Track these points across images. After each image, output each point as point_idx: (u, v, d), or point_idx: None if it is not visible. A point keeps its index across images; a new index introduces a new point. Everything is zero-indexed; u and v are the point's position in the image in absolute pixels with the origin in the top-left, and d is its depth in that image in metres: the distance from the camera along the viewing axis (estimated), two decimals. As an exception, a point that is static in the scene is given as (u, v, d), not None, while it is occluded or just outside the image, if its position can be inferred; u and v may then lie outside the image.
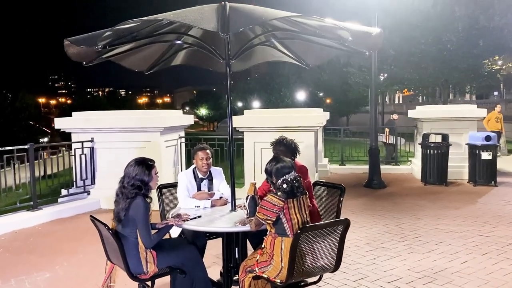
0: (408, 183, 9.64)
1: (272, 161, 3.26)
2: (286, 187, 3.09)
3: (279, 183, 3.12)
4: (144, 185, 3.28)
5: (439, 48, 24.95)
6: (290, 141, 4.15)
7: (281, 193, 3.10)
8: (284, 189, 3.09)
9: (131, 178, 3.24)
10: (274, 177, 3.17)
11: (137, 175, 3.25)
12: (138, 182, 3.24)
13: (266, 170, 3.24)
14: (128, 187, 3.23)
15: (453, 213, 6.84)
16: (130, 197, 3.21)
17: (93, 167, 7.81)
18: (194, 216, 3.61)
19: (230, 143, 3.98)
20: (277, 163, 3.21)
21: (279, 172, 3.16)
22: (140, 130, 7.58)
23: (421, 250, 5.14)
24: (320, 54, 4.27)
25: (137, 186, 3.24)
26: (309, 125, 6.84)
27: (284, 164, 3.21)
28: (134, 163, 3.30)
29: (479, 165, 9.08)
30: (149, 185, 3.32)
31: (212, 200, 4.05)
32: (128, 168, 3.29)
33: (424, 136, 9.43)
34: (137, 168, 3.27)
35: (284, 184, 3.10)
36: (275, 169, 3.18)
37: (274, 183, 3.18)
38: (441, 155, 9.16)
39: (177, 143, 8.31)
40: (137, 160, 3.35)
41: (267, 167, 3.24)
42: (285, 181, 3.11)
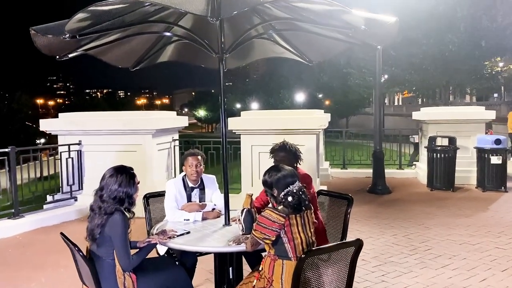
0: (413, 188, 9.19)
1: (271, 170, 2.81)
2: (291, 200, 2.64)
3: (282, 196, 2.68)
4: (128, 198, 2.83)
5: (441, 49, 24.58)
6: (292, 147, 3.70)
7: (283, 207, 2.66)
8: (290, 203, 2.64)
9: (113, 191, 2.79)
10: (275, 189, 2.73)
11: (121, 187, 2.80)
12: (122, 195, 2.80)
13: (265, 182, 2.79)
14: (109, 201, 2.77)
15: (464, 222, 6.40)
16: (108, 212, 2.75)
17: (80, 171, 7.35)
18: (182, 232, 3.16)
19: (223, 146, 3.53)
20: (277, 172, 2.76)
21: (281, 183, 2.71)
22: (131, 132, 7.13)
23: (434, 265, 4.69)
24: (324, 48, 3.82)
25: (120, 200, 2.79)
26: (310, 127, 6.38)
27: (286, 173, 2.76)
28: (114, 172, 2.85)
29: (488, 169, 8.63)
30: (133, 198, 2.87)
31: (204, 213, 3.60)
32: (108, 178, 2.84)
33: (431, 139, 8.98)
34: (120, 178, 2.82)
35: (289, 196, 2.65)
36: (276, 179, 2.73)
37: (275, 196, 2.73)
38: (448, 159, 8.71)
39: (170, 146, 7.85)
40: (117, 168, 2.90)
41: (266, 178, 2.79)
42: (290, 193, 2.66)
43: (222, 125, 3.43)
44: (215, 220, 3.55)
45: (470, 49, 24.30)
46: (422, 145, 10.48)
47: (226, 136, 3.44)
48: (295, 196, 2.67)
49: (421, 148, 10.59)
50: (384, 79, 30.27)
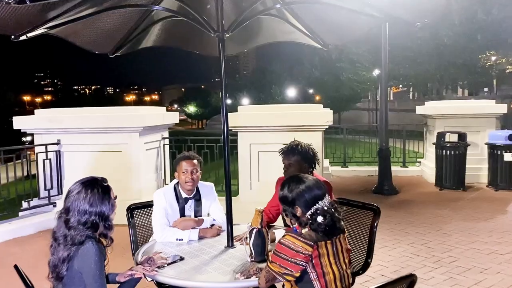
0: (421, 187, 8.60)
1: (291, 182, 2.14)
2: (322, 221, 1.99)
3: (308, 215, 2.03)
4: (103, 220, 2.14)
5: (436, 42, 24.14)
6: (306, 148, 3.05)
7: (309, 232, 2.01)
8: (320, 225, 1.99)
9: (82, 213, 2.10)
10: (298, 207, 2.07)
11: (92, 206, 2.11)
12: (94, 218, 2.11)
13: (284, 199, 2.13)
14: (77, 227, 2.09)
15: (484, 227, 5.80)
16: (77, 242, 2.07)
17: (59, 174, 6.62)
18: (173, 259, 2.49)
19: (224, 146, 2.88)
20: (300, 184, 2.10)
21: (306, 198, 2.06)
22: (115, 130, 6.41)
23: (466, 282, 4.07)
24: (344, 29, 3.16)
25: (93, 224, 2.11)
26: (316, 123, 5.73)
27: (311, 184, 2.11)
28: (82, 188, 2.15)
29: (501, 167, 8.05)
30: (110, 219, 2.19)
31: (200, 230, 2.94)
32: (74, 196, 2.14)
33: (439, 135, 8.38)
34: (90, 194, 2.13)
35: (318, 216, 2.01)
36: (300, 193, 2.07)
37: (299, 216, 2.07)
38: (458, 157, 8.11)
39: (159, 145, 7.15)
40: (85, 182, 2.20)
41: (285, 193, 2.12)
42: (320, 212, 2.02)
43: (223, 120, 2.77)
44: (215, 240, 2.89)
45: (465, 42, 23.87)
46: (427, 141, 9.91)
47: (227, 134, 2.78)
48: (327, 215, 2.02)
49: (426, 144, 10.02)
50: (378, 73, 29.85)
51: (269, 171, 5.93)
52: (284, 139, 5.97)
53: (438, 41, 24.00)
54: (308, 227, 2.04)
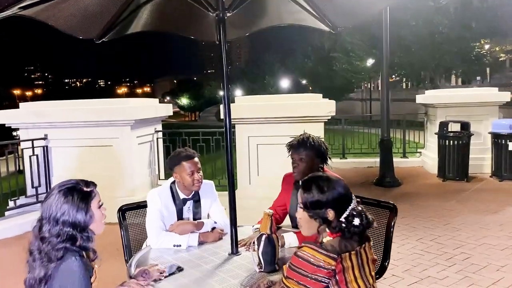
0: (423, 179, 8.35)
1: (319, 182, 1.84)
2: (359, 223, 1.75)
3: (343, 218, 1.75)
4: (80, 231, 1.83)
5: (430, 31, 23.90)
6: (318, 141, 2.75)
7: (332, 241, 1.73)
8: (357, 228, 1.75)
9: (53, 222, 1.79)
10: (331, 210, 1.79)
11: (65, 215, 1.80)
12: (69, 229, 1.80)
13: (317, 203, 1.81)
14: (52, 240, 1.77)
15: (494, 220, 5.56)
16: (55, 258, 1.76)
17: (48, 171, 6.28)
18: (171, 270, 2.19)
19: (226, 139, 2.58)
20: (331, 183, 1.83)
21: (341, 200, 1.80)
22: (106, 124, 6.08)
23: (483, 282, 3.81)
24: (356, 7, 2.85)
25: (69, 237, 1.79)
26: (318, 114, 5.42)
27: (342, 183, 1.87)
28: (57, 194, 1.84)
29: (505, 157, 7.82)
30: (89, 230, 1.87)
31: (200, 234, 2.64)
32: (48, 202, 1.83)
33: (442, 124, 8.12)
34: (64, 201, 1.81)
35: (355, 218, 1.76)
36: (334, 194, 1.80)
37: (331, 220, 1.79)
38: (462, 147, 7.86)
39: (152, 138, 6.82)
40: (62, 186, 1.87)
41: (314, 195, 1.81)
42: (357, 214, 1.77)
43: (225, 109, 2.46)
44: (217, 245, 2.59)
45: (460, 30, 23.64)
46: (428, 131, 9.66)
47: (230, 125, 2.48)
48: (362, 216, 1.75)
49: (427, 134, 9.77)
50: (372, 63, 29.55)
51: (269, 165, 5.64)
52: (284, 131, 5.70)
53: (433, 29, 23.76)
54: (338, 233, 1.76)
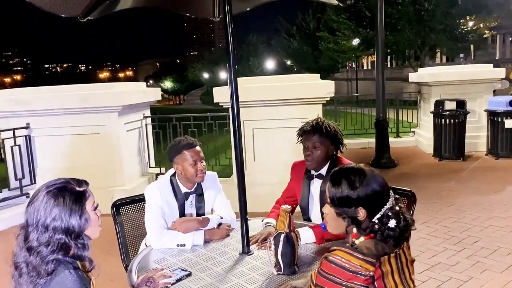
0: (419, 159, 8.22)
1: (350, 175, 1.60)
2: (396, 225, 1.50)
3: (377, 219, 1.52)
4: (74, 238, 1.57)
5: (416, 8, 23.72)
6: (333, 127, 2.51)
7: (368, 243, 1.50)
8: (393, 231, 1.51)
9: (42, 229, 1.52)
10: (362, 208, 1.56)
11: (56, 220, 1.53)
12: (61, 236, 1.53)
13: (343, 198, 1.58)
14: (40, 251, 1.51)
15: (496, 200, 5.44)
16: (45, 273, 1.50)
17: (31, 161, 5.95)
18: (179, 276, 1.95)
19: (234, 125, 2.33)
20: (365, 178, 1.58)
21: (376, 197, 1.56)
22: (91, 110, 5.75)
23: (496, 267, 3.66)
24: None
25: (61, 246, 1.53)
26: (316, 95, 5.17)
27: (379, 177, 1.61)
28: (45, 195, 1.56)
29: (501, 134, 7.72)
30: (84, 237, 1.61)
31: (206, 232, 2.40)
32: (34, 205, 1.56)
33: (437, 103, 7.96)
34: (55, 204, 1.54)
35: (390, 219, 1.51)
36: (369, 191, 1.56)
37: (360, 220, 1.56)
38: (458, 125, 7.72)
39: (141, 125, 6.51)
40: (51, 186, 1.59)
41: (344, 191, 1.58)
42: (393, 214, 1.53)
43: (232, 91, 2.19)
44: (225, 244, 2.36)
45: (446, 7, 23.51)
46: (422, 109, 9.51)
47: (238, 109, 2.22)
48: (401, 216, 1.51)
49: (421, 113, 9.62)
50: (359, 42, 29.29)
51: (266, 151, 5.41)
52: (281, 115, 5.45)
53: (419, 6, 23.59)
54: (369, 235, 1.53)
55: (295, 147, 5.33)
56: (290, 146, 5.32)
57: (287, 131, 5.34)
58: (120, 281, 3.39)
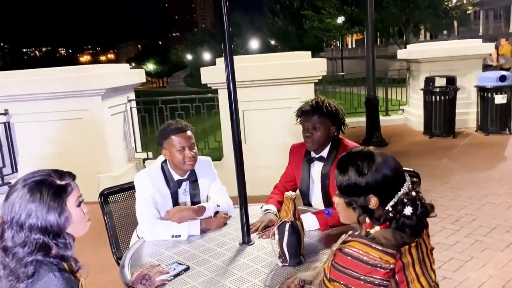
0: (409, 137, 8.15)
1: (359, 159, 1.46)
2: (413, 212, 1.37)
3: (390, 206, 1.38)
4: (53, 237, 1.40)
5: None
6: (334, 106, 2.36)
7: (385, 232, 1.37)
8: (409, 220, 1.37)
9: (17, 227, 1.35)
10: (374, 196, 1.42)
11: (32, 217, 1.36)
12: (38, 236, 1.36)
13: (351, 185, 1.45)
14: (16, 252, 1.34)
15: (491, 177, 5.39)
16: (25, 276, 1.33)
17: (12, 149, 5.69)
18: (176, 271, 1.81)
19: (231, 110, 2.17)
20: (375, 162, 1.43)
21: (388, 183, 1.41)
22: (73, 94, 5.49)
23: (496, 245, 3.60)
24: None
25: (39, 246, 1.36)
26: (308, 74, 5.00)
27: (391, 161, 1.47)
28: (21, 189, 1.37)
29: (491, 110, 7.67)
30: (65, 236, 1.44)
31: (202, 221, 2.25)
32: (11, 200, 1.38)
33: (427, 80, 7.85)
34: (30, 200, 1.37)
35: (406, 207, 1.37)
36: (380, 176, 1.42)
37: (372, 209, 1.42)
38: (448, 102, 7.65)
39: (125, 108, 6.27)
40: (28, 180, 1.40)
41: (352, 177, 1.44)
42: (409, 200, 1.38)
43: (228, 69, 2.02)
44: (223, 233, 2.21)
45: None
46: (411, 87, 9.42)
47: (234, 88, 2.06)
48: (418, 203, 1.38)
49: (409, 91, 9.53)
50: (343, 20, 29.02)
51: (257, 133, 5.25)
52: (272, 95, 5.27)
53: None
54: (384, 224, 1.40)
55: (287, 128, 5.21)
56: (282, 127, 5.18)
57: (278, 112, 5.19)
58: (110, 272, 3.25)
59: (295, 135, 5.28)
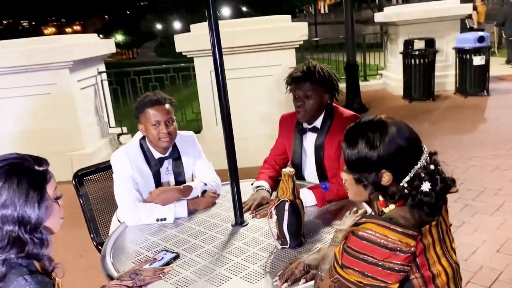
0: (389, 101, 8.07)
1: (369, 130, 1.28)
2: (432, 188, 1.22)
3: (405, 182, 1.24)
4: (29, 231, 1.19)
5: None
6: (327, 71, 2.17)
7: (402, 211, 1.22)
8: (427, 197, 1.21)
9: None
10: (387, 171, 1.25)
11: (7, 207, 1.14)
12: (11, 228, 1.15)
13: (361, 159, 1.27)
14: None
15: (473, 140, 5.36)
16: None
17: (-25, 130, 5.33)
18: (165, 259, 1.63)
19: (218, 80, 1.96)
20: (388, 133, 1.25)
21: (403, 156, 1.25)
22: (39, 68, 5.13)
23: (485, 209, 3.56)
24: None
25: (12, 241, 1.15)
26: (290, 39, 4.77)
27: (406, 131, 1.30)
28: None
29: (470, 72, 7.63)
30: (43, 230, 1.24)
31: (189, 202, 2.06)
32: None
33: (406, 43, 7.73)
34: (4, 187, 1.15)
35: (425, 182, 1.22)
36: (394, 149, 1.24)
37: (385, 186, 1.26)
38: (427, 65, 7.56)
39: (96, 81, 5.93)
40: (1, 163, 1.21)
41: (362, 150, 1.26)
42: (427, 175, 1.23)
43: (212, 33, 1.81)
44: (212, 214, 2.04)
45: None
46: (389, 51, 9.29)
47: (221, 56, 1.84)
48: (437, 178, 1.22)
49: (388, 55, 9.40)
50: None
51: (237, 102, 4.98)
52: (252, 62, 5.01)
53: None
54: (399, 202, 1.25)
55: (268, 97, 5.02)
56: (263, 96, 4.99)
57: (259, 80, 4.98)
58: (89, 256, 3.07)
59: (278, 105, 5.11)
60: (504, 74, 9.31)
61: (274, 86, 5.02)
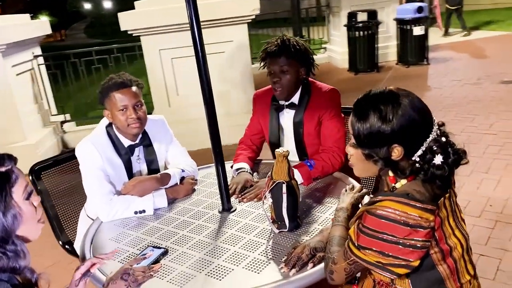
0: (335, 74, 8.17)
1: (380, 103, 1.20)
2: (444, 161, 1.18)
3: (417, 156, 1.19)
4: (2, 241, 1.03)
5: None
6: (302, 44, 2.09)
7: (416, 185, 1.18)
8: (439, 170, 1.17)
9: None
10: (399, 145, 1.19)
11: None
12: None
13: (372, 134, 1.19)
14: None
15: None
16: None
17: None
18: (154, 257, 1.50)
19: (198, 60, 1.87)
20: (397, 106, 1.18)
21: (415, 129, 1.18)
22: (-35, 54, 4.64)
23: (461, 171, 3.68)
24: None
25: None
26: (241, 14, 4.60)
27: (417, 103, 1.22)
28: None
29: (410, 42, 7.89)
30: (16, 240, 1.08)
31: (168, 191, 1.93)
32: None
33: (350, 15, 7.81)
34: None
35: (437, 155, 1.18)
36: (408, 123, 1.17)
37: (396, 161, 1.20)
38: (371, 37, 7.72)
39: (32, 66, 5.47)
40: None
41: (374, 124, 1.18)
42: (439, 148, 1.18)
43: (189, 7, 1.66)
44: (194, 201, 1.92)
45: None
46: (332, 24, 9.35)
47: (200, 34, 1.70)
48: (449, 150, 1.19)
49: (330, 28, 9.47)
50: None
51: (189, 82, 4.84)
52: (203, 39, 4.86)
53: None
54: (410, 177, 1.21)
55: (221, 75, 4.87)
56: (217, 74, 4.82)
57: (211, 58, 4.78)
58: (49, 255, 2.85)
59: (231, 83, 4.98)
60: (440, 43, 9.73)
61: (226, 63, 4.88)
